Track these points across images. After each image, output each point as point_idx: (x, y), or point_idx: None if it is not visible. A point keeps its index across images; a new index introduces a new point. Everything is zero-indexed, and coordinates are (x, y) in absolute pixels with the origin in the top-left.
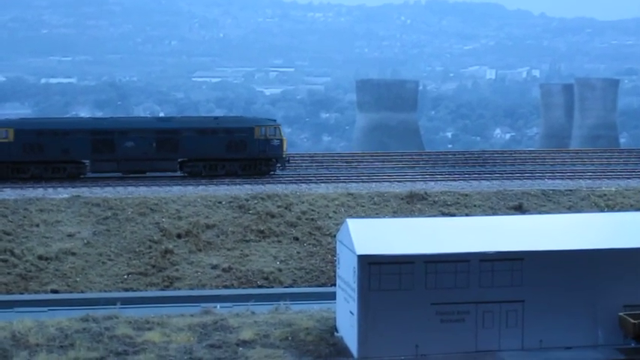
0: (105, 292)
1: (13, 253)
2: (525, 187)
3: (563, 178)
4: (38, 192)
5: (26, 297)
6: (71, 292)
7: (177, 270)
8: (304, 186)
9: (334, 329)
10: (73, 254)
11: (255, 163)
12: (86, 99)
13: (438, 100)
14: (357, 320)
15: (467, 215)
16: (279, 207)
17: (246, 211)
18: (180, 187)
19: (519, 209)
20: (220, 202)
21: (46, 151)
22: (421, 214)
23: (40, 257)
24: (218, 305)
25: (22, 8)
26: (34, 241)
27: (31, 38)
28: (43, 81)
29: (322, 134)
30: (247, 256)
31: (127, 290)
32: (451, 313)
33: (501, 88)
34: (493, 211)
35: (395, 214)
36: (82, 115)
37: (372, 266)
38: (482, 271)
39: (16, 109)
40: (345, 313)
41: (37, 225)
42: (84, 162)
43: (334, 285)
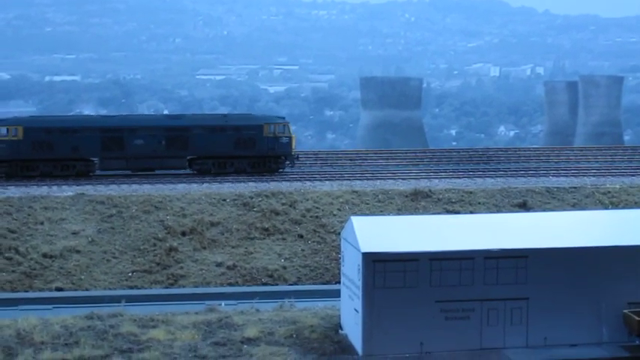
0: (109, 289)
1: (17, 251)
2: (529, 184)
3: (568, 176)
4: (43, 190)
5: (31, 295)
6: (76, 290)
7: (181, 268)
8: (308, 183)
9: (339, 327)
10: (78, 252)
11: (264, 160)
12: (90, 97)
13: (442, 97)
14: (362, 318)
15: (471, 213)
16: (284, 204)
17: (251, 209)
18: (184, 185)
19: (524, 207)
20: (225, 200)
21: (56, 149)
22: (425, 211)
23: (44, 255)
24: (223, 303)
25: (25, 6)
26: (39, 239)
27: (34, 36)
28: (47, 79)
29: (326, 132)
30: (252, 253)
31: (131, 288)
32: (456, 311)
33: (505, 86)
34: (497, 208)
35: (399, 211)
36: (87, 112)
37: (376, 264)
38: (486, 268)
39: (20, 107)
40: (349, 311)
41: (42, 223)
42: (93, 160)
43: (339, 282)
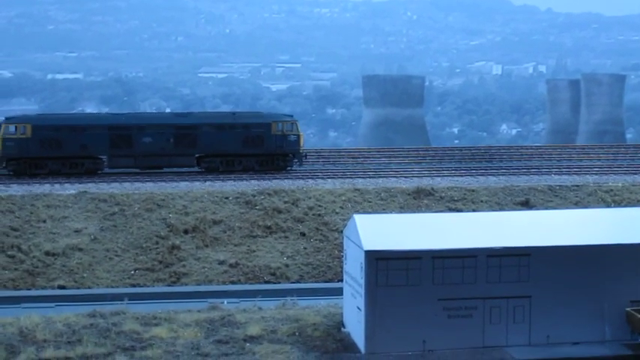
0: (112, 287)
1: (20, 249)
2: (532, 182)
3: (570, 174)
4: (45, 188)
5: (33, 293)
6: (78, 288)
7: (184, 266)
8: (311, 182)
9: (341, 325)
10: (80, 250)
11: (273, 158)
12: (92, 95)
13: (444, 95)
14: (365, 316)
15: (474, 211)
16: (286, 203)
17: (253, 207)
18: (187, 183)
19: (526, 205)
20: (227, 198)
21: (64, 147)
22: (428, 209)
23: (47, 253)
24: (225, 301)
25: (28, 4)
26: (41, 237)
27: (37, 34)
28: (50, 77)
29: (328, 130)
30: (254, 251)
31: (134, 286)
32: (458, 309)
33: (507, 84)
34: (500, 206)
35: (402, 209)
36: (89, 110)
37: (379, 262)
38: (489, 266)
39: (22, 105)
40: (352, 309)
41: (44, 221)
42: (101, 158)
43: (341, 280)
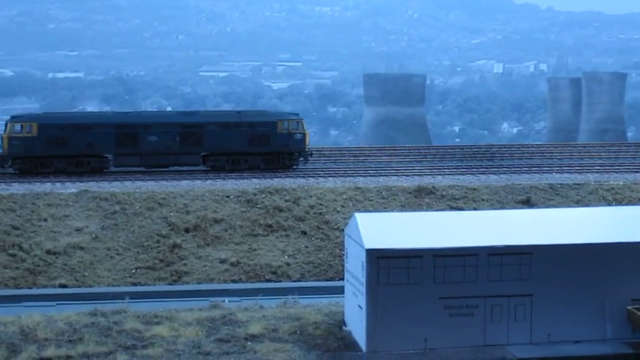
0: (113, 286)
1: (21, 248)
2: (533, 181)
3: (571, 172)
4: (46, 186)
5: (34, 291)
6: (79, 287)
7: (185, 264)
8: (312, 180)
9: (342, 323)
10: (81, 249)
11: (278, 157)
12: (93, 93)
13: (445, 94)
14: (366, 314)
15: (475, 209)
16: (287, 201)
17: (254, 206)
18: (188, 182)
19: (527, 203)
20: (228, 197)
21: (70, 146)
22: (429, 208)
23: (48, 252)
24: (226, 299)
25: (28, 3)
26: (42, 236)
27: (38, 33)
28: (50, 75)
29: (329, 128)
30: (255, 250)
31: (135, 285)
32: (460, 307)
33: (509, 82)
34: (501, 205)
35: (403, 208)
36: (90, 109)
37: (380, 260)
38: (490, 265)
39: (23, 104)
40: (353, 307)
41: (45, 219)
42: (107, 156)
43: (342, 279)
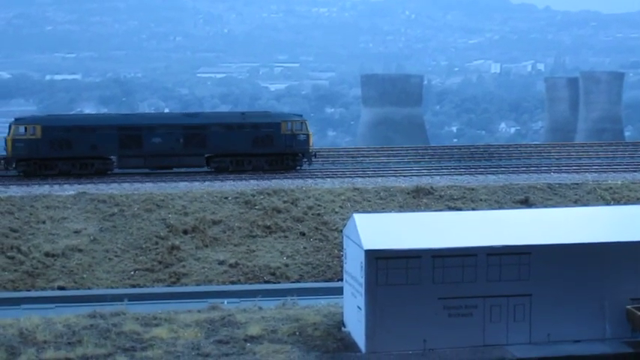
0: (112, 288)
1: (19, 250)
2: (531, 180)
3: (569, 172)
4: (44, 189)
5: (33, 294)
6: (78, 289)
7: (183, 266)
8: (310, 181)
9: (341, 324)
10: (80, 251)
11: (282, 158)
12: (91, 95)
13: (442, 94)
14: (365, 315)
15: (473, 209)
16: (286, 202)
17: (253, 207)
18: (186, 183)
19: (525, 203)
20: (226, 198)
21: (74, 148)
22: (428, 208)
23: (46, 254)
24: (225, 301)
25: (26, 5)
26: (41, 238)
27: (35, 35)
28: (48, 77)
29: (327, 129)
30: (254, 251)
31: (134, 287)
32: (459, 308)
33: (506, 82)
34: (499, 205)
35: (401, 208)
36: (87, 111)
37: (379, 261)
38: (489, 265)
39: (21, 106)
40: (352, 308)
41: (44, 222)
42: (111, 158)
43: (341, 280)
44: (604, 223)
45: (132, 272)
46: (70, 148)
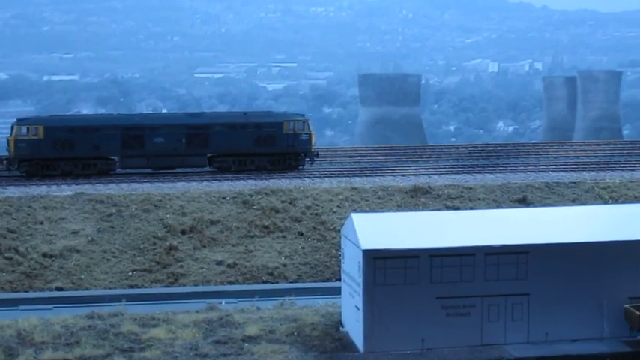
0: (110, 289)
1: (17, 251)
2: (529, 180)
3: (567, 171)
4: (42, 189)
5: (31, 295)
6: (76, 290)
7: (181, 266)
8: (308, 181)
9: (340, 324)
10: (78, 251)
11: (284, 157)
12: (88, 96)
13: (440, 93)
14: (363, 315)
15: (471, 209)
16: (283, 202)
17: (250, 207)
18: (184, 183)
19: (523, 202)
20: (224, 198)
21: (76, 148)
22: (425, 208)
23: (44, 255)
24: (223, 301)
25: (23, 5)
26: (39, 239)
27: (32, 35)
28: (45, 78)
29: (325, 129)
30: (252, 251)
31: (131, 287)
32: (457, 307)
33: (504, 81)
34: (497, 204)
35: (399, 208)
36: (85, 112)
37: (377, 260)
38: (487, 264)
39: (18, 107)
40: (350, 308)
41: (42, 222)
42: (113, 158)
43: (339, 280)
44: (602, 222)
45: (130, 273)
46: (72, 149)
